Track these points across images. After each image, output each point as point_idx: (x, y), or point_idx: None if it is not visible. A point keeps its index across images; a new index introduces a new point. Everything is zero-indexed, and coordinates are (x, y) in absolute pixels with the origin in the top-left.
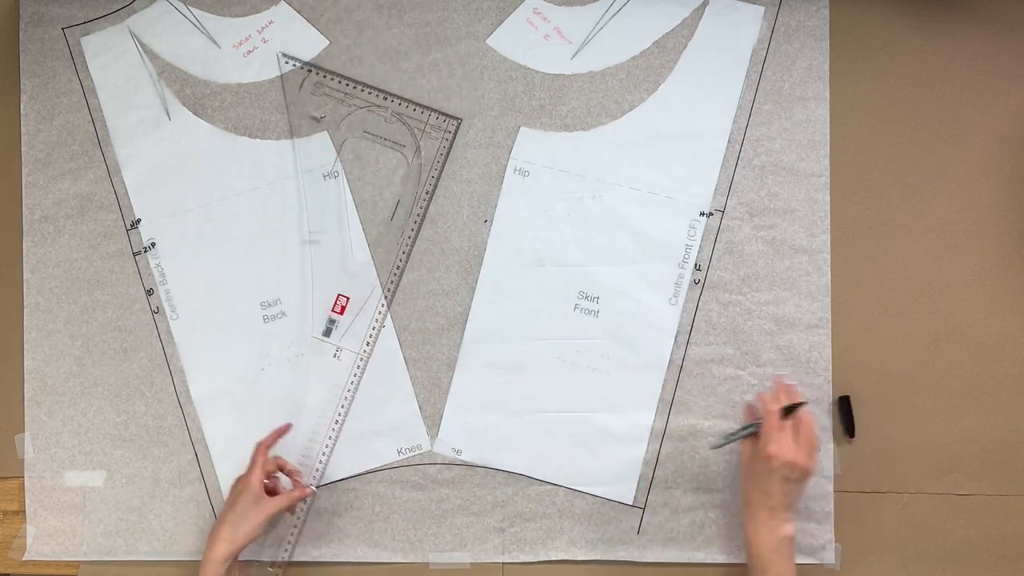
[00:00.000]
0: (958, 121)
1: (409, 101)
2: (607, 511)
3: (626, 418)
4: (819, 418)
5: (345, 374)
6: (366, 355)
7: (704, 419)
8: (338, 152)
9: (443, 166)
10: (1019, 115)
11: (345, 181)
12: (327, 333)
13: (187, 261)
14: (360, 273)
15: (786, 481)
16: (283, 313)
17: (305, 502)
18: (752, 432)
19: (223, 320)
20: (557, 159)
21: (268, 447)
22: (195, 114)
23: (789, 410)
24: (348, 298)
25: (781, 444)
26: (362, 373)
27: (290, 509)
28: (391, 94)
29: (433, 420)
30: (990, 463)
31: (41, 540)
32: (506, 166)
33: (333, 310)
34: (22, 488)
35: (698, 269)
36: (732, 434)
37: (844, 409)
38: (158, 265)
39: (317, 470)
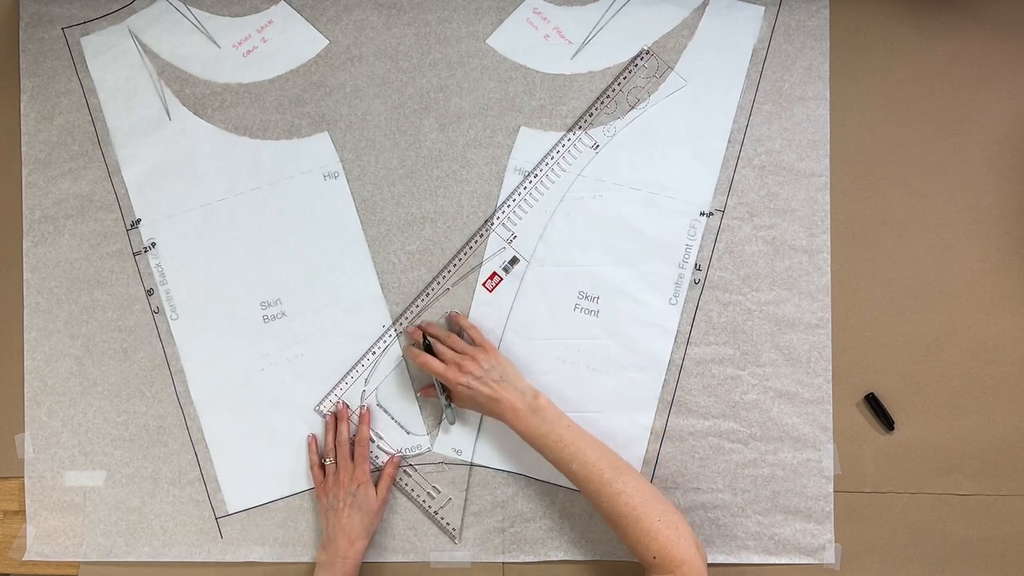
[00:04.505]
0: (958, 121)
1: None
2: None
3: (626, 418)
4: (819, 418)
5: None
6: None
7: (704, 419)
8: (338, 152)
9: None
10: (1019, 115)
11: (345, 181)
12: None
13: (187, 261)
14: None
15: (485, 377)
16: (283, 313)
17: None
18: (446, 390)
19: (223, 320)
20: (557, 159)
21: (365, 441)
22: (195, 114)
23: (428, 346)
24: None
25: (452, 364)
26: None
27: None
28: None
29: (433, 420)
30: (990, 463)
31: (41, 540)
32: (506, 166)
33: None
34: (22, 488)
35: (698, 269)
36: (443, 396)
37: (874, 406)
38: (158, 265)
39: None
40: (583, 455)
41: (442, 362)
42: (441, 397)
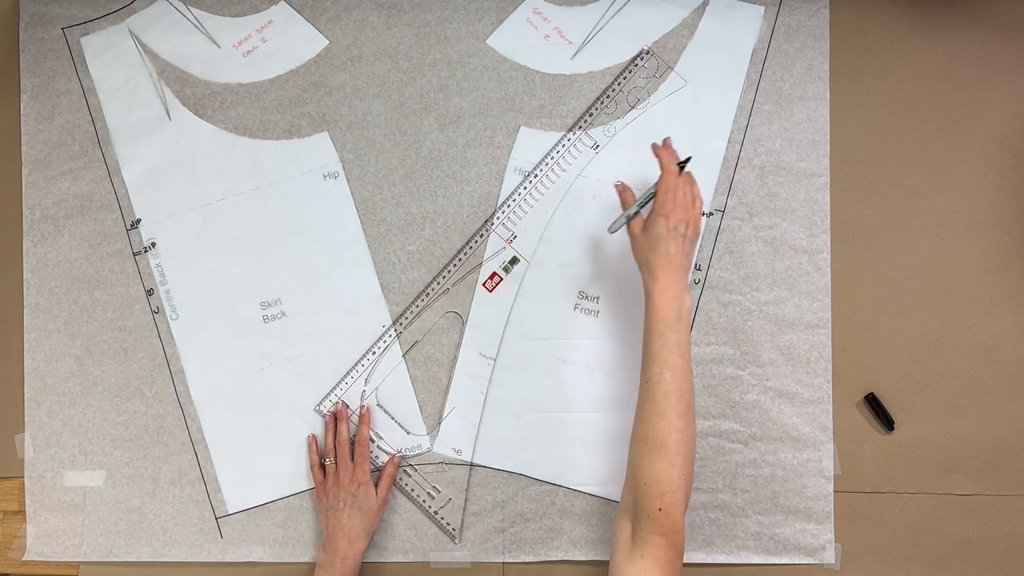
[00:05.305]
0: (958, 121)
1: None
2: (607, 511)
3: (627, 418)
4: (819, 418)
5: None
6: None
7: (704, 419)
8: (338, 152)
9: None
10: (1019, 115)
11: (345, 181)
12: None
13: (187, 261)
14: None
15: (684, 240)
16: (283, 313)
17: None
18: (651, 198)
19: (223, 320)
20: (557, 159)
21: (365, 441)
22: (195, 114)
23: (681, 165)
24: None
25: (678, 201)
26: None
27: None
28: None
29: (433, 420)
30: (990, 463)
31: (41, 540)
32: (506, 166)
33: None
34: (22, 488)
35: (698, 269)
36: (636, 208)
37: (874, 406)
38: (158, 265)
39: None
40: (682, 375)
41: (676, 184)
42: (634, 206)
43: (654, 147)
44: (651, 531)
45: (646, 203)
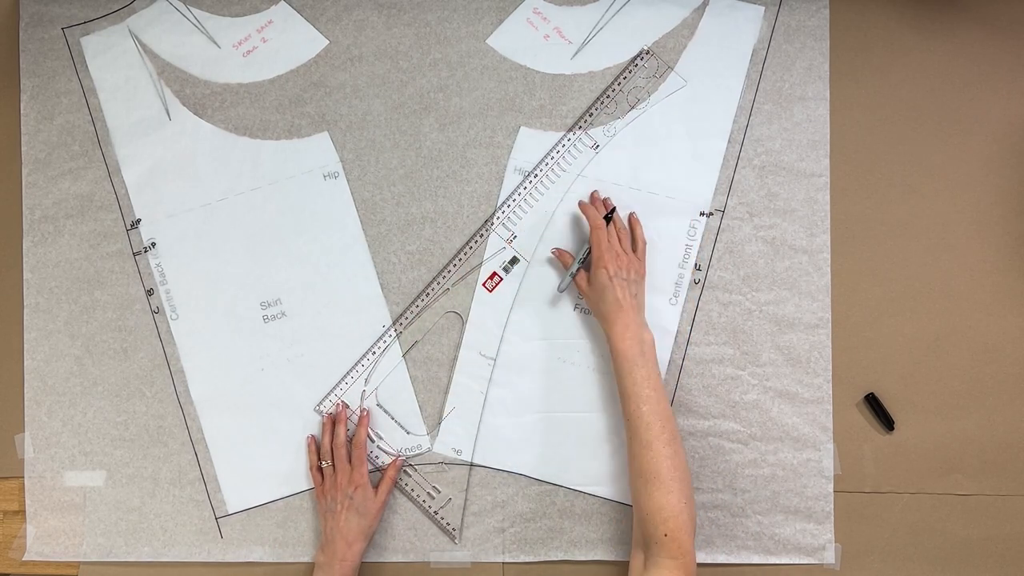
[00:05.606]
0: (958, 121)
1: None
2: (607, 511)
3: None
4: (819, 418)
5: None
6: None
7: (704, 419)
8: (338, 152)
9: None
10: (1019, 115)
11: (345, 181)
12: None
13: (187, 261)
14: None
15: (628, 284)
16: (283, 313)
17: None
18: (589, 253)
19: (223, 320)
20: (557, 159)
21: (362, 444)
22: (195, 114)
23: (607, 218)
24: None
25: (613, 250)
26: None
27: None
28: None
29: (433, 420)
30: (990, 463)
31: (41, 540)
32: (506, 166)
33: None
34: (22, 488)
35: (698, 269)
36: (576, 264)
37: (874, 406)
38: (158, 265)
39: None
40: (659, 405)
41: (609, 234)
42: (575, 264)
43: (581, 204)
44: (661, 556)
45: (585, 258)
